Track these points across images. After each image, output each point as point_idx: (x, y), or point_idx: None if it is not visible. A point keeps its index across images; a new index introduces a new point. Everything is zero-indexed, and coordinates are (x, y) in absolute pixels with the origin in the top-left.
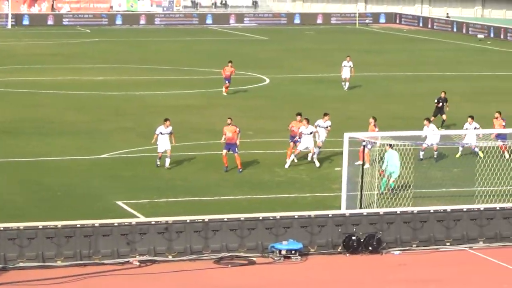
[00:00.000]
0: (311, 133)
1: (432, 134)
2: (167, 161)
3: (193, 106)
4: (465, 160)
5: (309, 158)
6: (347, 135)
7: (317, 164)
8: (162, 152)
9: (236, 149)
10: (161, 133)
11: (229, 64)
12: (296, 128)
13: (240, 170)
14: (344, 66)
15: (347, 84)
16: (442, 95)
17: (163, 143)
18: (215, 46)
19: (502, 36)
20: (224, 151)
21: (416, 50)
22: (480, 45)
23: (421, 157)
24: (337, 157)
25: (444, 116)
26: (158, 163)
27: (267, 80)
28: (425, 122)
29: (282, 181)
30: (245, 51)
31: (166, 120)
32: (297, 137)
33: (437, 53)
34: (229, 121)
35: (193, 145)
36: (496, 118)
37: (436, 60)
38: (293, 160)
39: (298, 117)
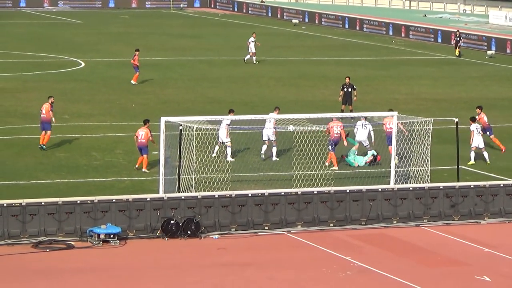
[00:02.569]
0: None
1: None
2: None
3: (7, 89)
4: (282, 144)
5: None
6: (163, 119)
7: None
8: None
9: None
10: None
11: (136, 52)
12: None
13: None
14: (251, 41)
15: (254, 58)
16: (347, 80)
17: None
18: (29, 29)
19: (316, 21)
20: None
21: (232, 34)
22: (295, 30)
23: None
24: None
25: (350, 107)
26: None
27: (82, 64)
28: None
29: (99, 165)
30: (60, 34)
31: None
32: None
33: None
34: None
35: (8, 129)
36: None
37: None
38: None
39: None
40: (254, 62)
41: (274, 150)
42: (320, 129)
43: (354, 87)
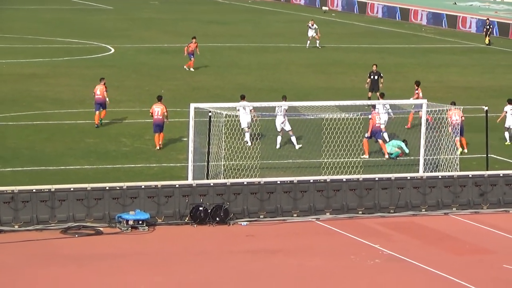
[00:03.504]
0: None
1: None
2: None
3: (37, 75)
4: (311, 132)
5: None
6: (192, 106)
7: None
8: None
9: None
10: None
11: (193, 40)
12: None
13: None
14: (309, 28)
15: (310, 42)
16: (374, 68)
17: None
18: (59, 14)
19: (346, 8)
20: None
21: (262, 21)
22: (325, 17)
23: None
24: (183, 127)
25: (378, 93)
26: None
27: (112, 50)
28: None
29: (128, 151)
30: (89, 20)
31: None
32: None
33: (283, 25)
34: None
35: (37, 114)
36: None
37: (282, 31)
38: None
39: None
40: (307, 46)
41: (293, 139)
42: (350, 116)
43: (381, 74)
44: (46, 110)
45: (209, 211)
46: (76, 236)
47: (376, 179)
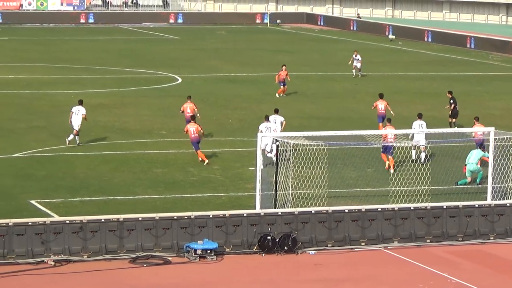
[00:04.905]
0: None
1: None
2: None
3: (105, 105)
4: (379, 161)
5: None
6: (260, 135)
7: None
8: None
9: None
10: None
11: (283, 67)
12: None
13: None
14: (353, 59)
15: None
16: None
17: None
18: (127, 45)
19: (413, 37)
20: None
21: (328, 50)
22: (391, 45)
23: (414, 156)
24: (251, 156)
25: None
26: None
27: (179, 79)
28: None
29: (196, 180)
30: (156, 50)
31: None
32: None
33: (350, 54)
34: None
35: (105, 144)
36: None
37: (348, 60)
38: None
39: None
40: (354, 76)
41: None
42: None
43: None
44: (114, 140)
45: (277, 240)
46: (145, 265)
47: (444, 207)
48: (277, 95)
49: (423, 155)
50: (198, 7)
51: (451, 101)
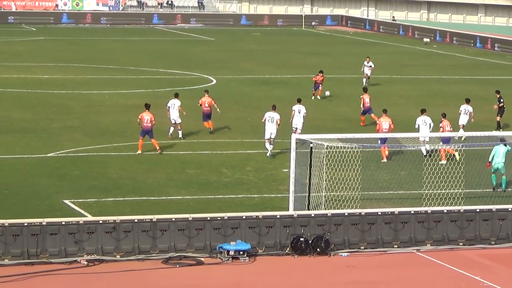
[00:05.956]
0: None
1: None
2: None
3: (139, 106)
4: (412, 163)
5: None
6: (294, 137)
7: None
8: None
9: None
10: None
11: (320, 74)
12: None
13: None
14: (365, 65)
15: (367, 80)
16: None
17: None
18: (162, 46)
19: (447, 40)
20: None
21: (363, 52)
22: (426, 49)
23: (424, 152)
24: (284, 158)
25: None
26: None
27: (214, 81)
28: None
29: (229, 181)
30: (191, 51)
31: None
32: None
33: (384, 56)
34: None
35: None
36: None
37: (382, 63)
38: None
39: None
40: (363, 85)
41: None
42: (450, 147)
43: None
44: (147, 141)
45: (310, 241)
46: (177, 266)
47: (477, 210)
48: (318, 97)
49: (424, 148)
50: (233, 9)
51: (501, 100)
